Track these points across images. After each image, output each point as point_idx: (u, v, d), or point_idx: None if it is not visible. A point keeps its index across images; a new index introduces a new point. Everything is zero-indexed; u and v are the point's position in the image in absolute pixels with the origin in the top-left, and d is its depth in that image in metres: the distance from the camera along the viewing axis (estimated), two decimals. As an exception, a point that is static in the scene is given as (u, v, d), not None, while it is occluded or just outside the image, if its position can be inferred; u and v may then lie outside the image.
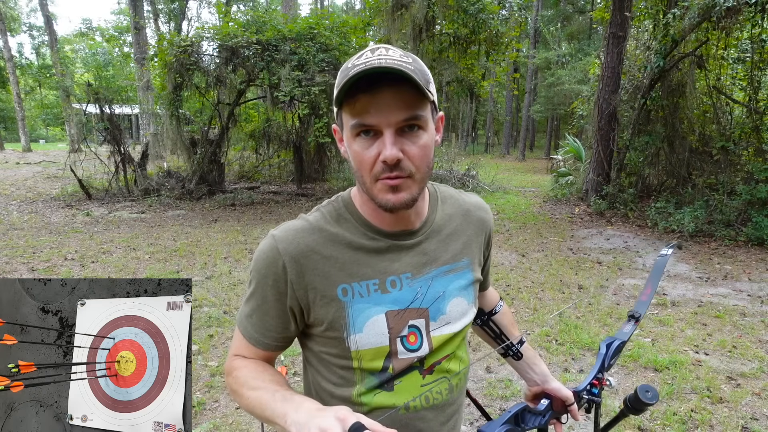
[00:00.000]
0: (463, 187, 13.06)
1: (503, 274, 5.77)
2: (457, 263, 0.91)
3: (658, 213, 8.25)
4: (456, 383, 0.91)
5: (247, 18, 10.51)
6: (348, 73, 0.72)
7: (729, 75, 9.21)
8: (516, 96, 30.93)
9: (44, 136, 39.18)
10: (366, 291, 0.82)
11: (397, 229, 0.86)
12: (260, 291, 0.84)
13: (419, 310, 0.85)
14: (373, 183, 0.77)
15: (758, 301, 4.86)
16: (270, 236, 0.84)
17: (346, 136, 0.79)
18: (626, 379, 3.32)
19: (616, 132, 9.31)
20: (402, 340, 0.84)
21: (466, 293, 0.92)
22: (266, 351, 0.88)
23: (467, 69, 10.75)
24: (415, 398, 0.85)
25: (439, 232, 0.90)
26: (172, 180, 10.86)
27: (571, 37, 29.70)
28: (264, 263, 0.83)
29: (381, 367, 0.84)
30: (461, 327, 0.90)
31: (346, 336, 0.82)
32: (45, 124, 41.53)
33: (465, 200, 0.99)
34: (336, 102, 0.76)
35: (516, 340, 1.12)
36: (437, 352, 0.87)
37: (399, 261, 0.85)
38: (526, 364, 1.12)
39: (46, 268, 5.50)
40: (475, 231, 0.96)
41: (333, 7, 36.20)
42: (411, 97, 0.73)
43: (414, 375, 0.86)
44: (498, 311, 1.13)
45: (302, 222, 0.86)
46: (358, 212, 0.87)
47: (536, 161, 25.53)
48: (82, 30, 35.82)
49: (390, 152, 0.72)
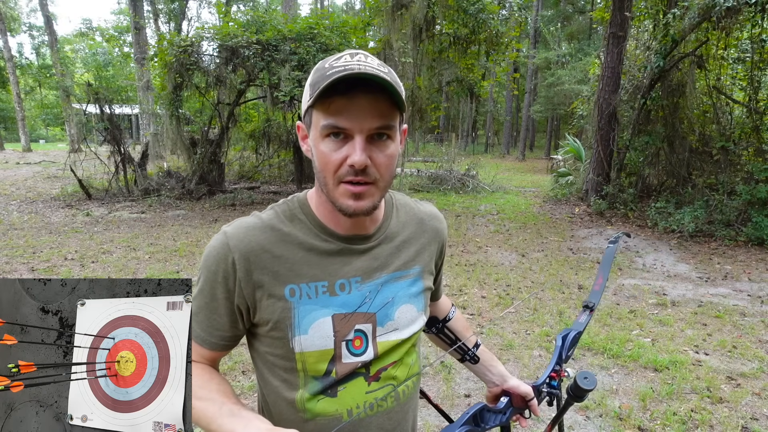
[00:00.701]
0: (464, 187, 13.06)
1: (503, 274, 5.77)
2: (408, 270, 0.90)
3: (658, 213, 8.25)
4: (402, 390, 0.90)
5: (247, 18, 10.51)
6: (326, 73, 0.73)
7: (729, 75, 9.21)
8: (516, 96, 30.95)
9: (44, 136, 39.18)
10: (314, 292, 0.82)
11: (351, 233, 0.86)
12: (209, 288, 0.82)
13: (366, 314, 0.84)
14: (336, 185, 0.77)
15: (758, 301, 4.86)
16: (222, 232, 0.83)
17: (313, 135, 0.78)
18: (626, 379, 3.32)
19: (616, 132, 9.31)
20: (347, 344, 0.83)
21: (416, 300, 0.91)
22: (212, 351, 0.86)
23: (467, 69, 10.75)
24: (359, 405, 0.84)
25: (392, 239, 0.90)
26: (172, 180, 10.86)
27: (571, 37, 29.70)
28: (214, 259, 0.81)
29: (324, 370, 0.83)
30: (409, 334, 0.90)
31: (291, 337, 0.81)
32: (45, 124, 41.54)
33: (420, 209, 0.99)
34: (311, 100, 0.76)
35: (471, 344, 1.14)
36: (383, 358, 0.87)
37: (350, 265, 0.85)
38: (483, 367, 1.14)
39: (46, 268, 5.50)
40: (429, 240, 0.96)
41: (333, 7, 36.23)
42: (385, 107, 0.74)
43: (359, 381, 0.85)
44: (452, 317, 1.14)
45: (255, 219, 0.85)
46: (312, 213, 0.86)
47: (536, 161, 25.53)
48: (82, 30, 35.80)
49: (360, 157, 0.73)
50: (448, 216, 9.52)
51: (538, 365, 3.50)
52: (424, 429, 2.73)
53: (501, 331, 4.08)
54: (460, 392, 3.13)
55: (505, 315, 4.47)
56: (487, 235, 8.00)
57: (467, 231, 8.24)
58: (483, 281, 5.47)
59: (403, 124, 0.83)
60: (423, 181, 13.65)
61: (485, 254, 6.73)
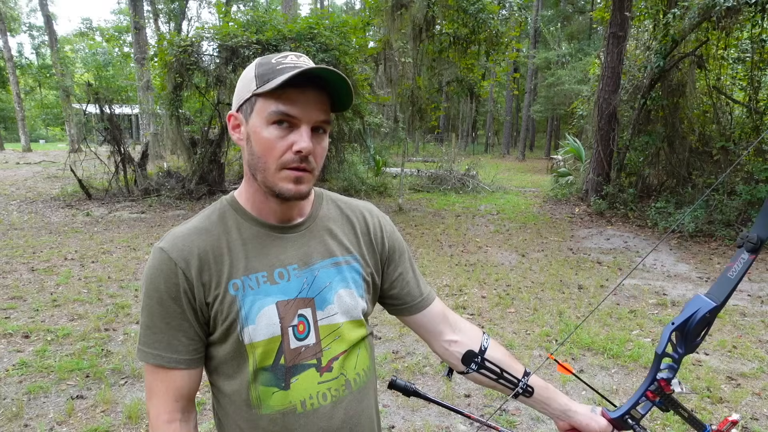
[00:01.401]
0: (464, 187, 13.07)
1: (503, 274, 5.77)
2: (343, 257, 0.93)
3: (658, 213, 8.25)
4: (354, 379, 0.91)
5: (247, 18, 10.50)
6: (275, 67, 0.80)
7: (729, 75, 9.21)
8: (516, 96, 30.94)
9: (44, 136, 39.17)
10: (256, 283, 0.84)
11: (283, 222, 0.90)
12: (159, 307, 0.82)
13: (306, 299, 0.87)
14: (278, 171, 0.81)
15: (758, 301, 4.86)
16: (157, 250, 0.84)
17: (254, 123, 0.81)
18: (626, 379, 3.32)
19: (616, 132, 9.31)
20: (293, 329, 0.85)
21: (355, 286, 0.92)
22: (183, 369, 0.84)
23: (467, 69, 10.73)
24: (312, 396, 0.86)
25: (323, 227, 0.93)
26: (172, 180, 10.85)
27: (571, 37, 29.70)
28: (161, 277, 0.82)
29: (273, 358, 0.85)
30: (350, 318, 0.91)
31: (240, 329, 0.83)
32: (45, 124, 41.53)
33: (352, 202, 1.02)
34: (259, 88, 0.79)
35: (519, 373, 1.00)
36: (332, 347, 0.88)
37: (285, 253, 0.88)
38: (540, 400, 1.00)
39: (46, 268, 5.50)
40: (362, 230, 0.98)
41: (333, 7, 36.22)
42: (328, 104, 0.83)
43: (310, 372, 0.87)
44: (488, 345, 1.01)
45: (187, 227, 0.88)
46: (242, 209, 0.89)
47: (536, 161, 25.53)
48: (82, 30, 35.83)
49: (308, 144, 0.79)
50: (447, 216, 9.52)
51: (538, 365, 3.50)
52: (424, 429, 2.73)
53: (501, 331, 4.08)
54: (460, 392, 3.13)
55: (505, 315, 4.47)
56: (487, 235, 8.00)
57: (467, 231, 8.24)
58: (483, 281, 5.47)
59: None
60: (423, 181, 13.65)
61: (485, 254, 6.72)
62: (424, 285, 1.05)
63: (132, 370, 3.29)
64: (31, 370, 3.26)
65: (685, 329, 0.87)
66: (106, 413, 2.81)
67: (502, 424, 2.78)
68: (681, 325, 0.86)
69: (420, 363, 3.48)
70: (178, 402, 0.85)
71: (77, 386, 3.09)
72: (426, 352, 3.63)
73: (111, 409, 2.86)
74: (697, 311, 0.86)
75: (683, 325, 0.86)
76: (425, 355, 3.59)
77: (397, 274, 1.01)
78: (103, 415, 2.80)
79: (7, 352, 3.51)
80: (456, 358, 1.01)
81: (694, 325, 0.86)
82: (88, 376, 3.21)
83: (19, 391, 3.00)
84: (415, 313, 1.02)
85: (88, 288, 4.90)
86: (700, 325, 0.86)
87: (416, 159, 19.15)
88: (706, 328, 0.87)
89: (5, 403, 2.88)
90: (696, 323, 0.86)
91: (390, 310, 1.05)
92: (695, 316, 0.86)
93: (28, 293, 4.69)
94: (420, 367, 3.44)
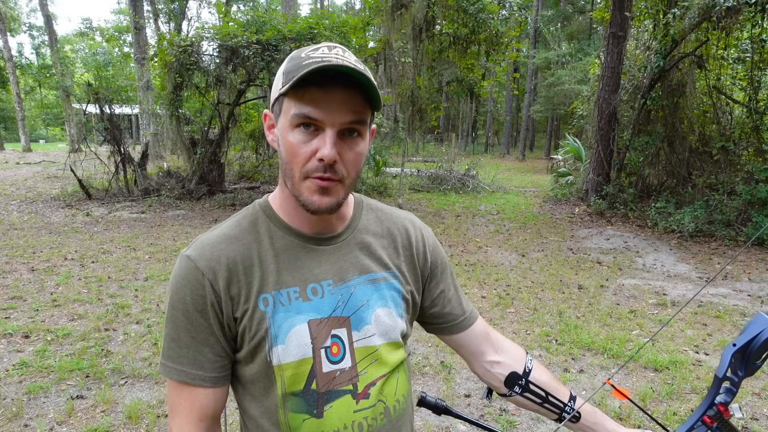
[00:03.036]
0: (464, 187, 13.05)
1: (503, 274, 5.77)
2: (381, 273, 0.86)
3: (658, 213, 8.25)
4: (393, 406, 0.85)
5: (247, 18, 10.50)
6: (302, 62, 0.72)
7: (729, 75, 9.21)
8: (516, 96, 30.94)
9: (44, 136, 39.15)
10: (287, 299, 0.78)
11: (318, 232, 0.83)
12: (185, 320, 0.77)
13: (340, 319, 0.80)
14: (302, 180, 0.74)
15: (758, 301, 4.86)
16: (184, 258, 0.78)
17: (282, 125, 0.76)
18: (626, 379, 3.32)
19: (616, 132, 9.31)
20: (326, 351, 0.79)
21: (394, 305, 0.85)
22: (209, 387, 0.79)
23: (467, 69, 10.74)
24: (347, 426, 0.79)
25: (362, 240, 0.86)
26: (172, 180, 10.85)
27: (571, 37, 29.69)
28: (188, 288, 0.76)
29: (304, 384, 0.78)
30: (388, 340, 0.84)
31: (269, 348, 0.77)
32: (45, 124, 41.52)
33: (393, 212, 0.94)
34: (283, 87, 0.73)
35: (566, 397, 0.95)
36: (369, 371, 0.82)
37: (320, 267, 0.81)
38: (587, 425, 0.94)
39: (46, 268, 5.49)
40: (403, 244, 0.90)
41: (333, 7, 36.22)
42: (359, 103, 0.73)
43: (346, 399, 0.79)
44: (532, 367, 0.96)
45: (217, 234, 0.81)
46: (276, 215, 0.83)
47: (536, 161, 25.53)
48: (82, 30, 35.79)
49: (330, 152, 0.71)
50: (447, 216, 9.52)
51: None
52: (424, 429, 2.73)
53: (501, 331, 4.07)
54: (460, 392, 3.13)
55: (505, 315, 4.47)
56: (487, 235, 8.00)
57: (467, 231, 8.24)
58: (483, 281, 5.47)
59: (372, 124, 0.81)
60: (423, 181, 13.65)
61: (485, 254, 6.73)
62: (466, 303, 0.98)
63: (132, 370, 3.29)
64: (31, 370, 3.26)
65: (746, 351, 0.79)
66: (106, 413, 2.81)
67: (503, 424, 2.78)
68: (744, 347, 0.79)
69: (420, 363, 3.48)
70: (202, 422, 0.79)
71: (77, 386, 3.09)
72: (426, 351, 3.63)
73: (111, 409, 2.86)
74: (762, 332, 0.78)
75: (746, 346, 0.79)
76: (425, 355, 3.59)
77: (439, 291, 0.94)
78: (103, 415, 2.80)
79: (7, 352, 3.51)
80: (498, 380, 0.95)
81: (757, 347, 0.78)
82: (88, 376, 3.21)
83: (19, 391, 3.00)
84: (456, 332, 0.96)
85: (88, 288, 4.90)
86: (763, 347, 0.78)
87: (416, 159, 19.16)
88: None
89: (5, 403, 2.88)
90: (760, 344, 0.78)
91: (429, 329, 0.98)
92: (759, 338, 0.78)
93: (28, 293, 4.69)
94: (420, 367, 3.44)
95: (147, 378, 3.22)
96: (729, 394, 0.83)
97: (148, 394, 3.02)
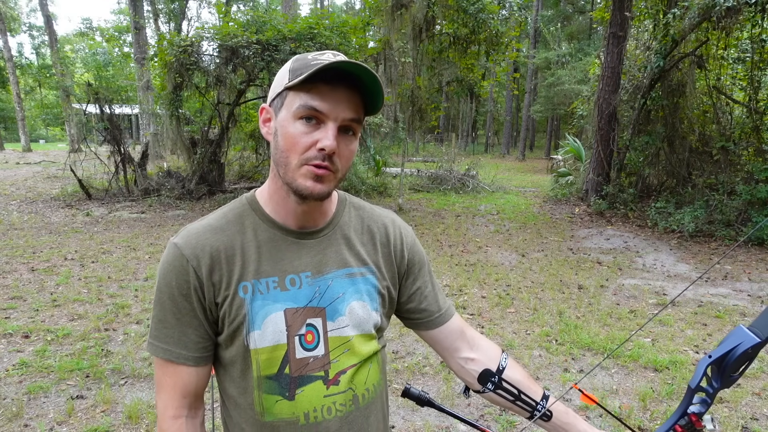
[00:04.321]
0: (464, 187, 13.06)
1: (503, 274, 5.77)
2: (359, 268, 0.90)
3: (658, 213, 8.25)
4: (362, 394, 0.89)
5: (247, 18, 10.49)
6: (310, 63, 0.77)
7: (729, 75, 9.21)
8: (516, 96, 30.94)
9: (44, 136, 39.16)
10: (266, 288, 0.83)
11: (301, 226, 0.87)
12: (170, 303, 0.82)
13: (316, 309, 0.85)
14: (299, 167, 0.78)
15: (758, 301, 4.86)
16: (172, 245, 0.84)
17: (282, 117, 0.80)
18: (626, 379, 3.32)
19: (616, 132, 9.31)
20: (300, 338, 0.84)
21: (369, 299, 0.90)
22: (192, 366, 0.84)
23: (467, 69, 10.73)
24: (316, 408, 0.84)
25: (342, 235, 0.91)
26: (172, 180, 10.85)
27: (571, 37, 29.69)
28: (173, 273, 0.82)
29: (278, 368, 0.83)
30: (361, 331, 0.88)
31: (246, 333, 0.82)
32: (45, 124, 41.52)
33: (375, 210, 0.99)
34: (291, 81, 0.78)
35: (538, 396, 0.98)
36: (341, 360, 0.86)
37: (300, 260, 0.86)
38: (558, 424, 0.96)
39: (46, 268, 5.50)
40: (381, 241, 0.95)
41: (333, 7, 36.23)
42: (359, 103, 0.80)
43: (317, 384, 0.85)
44: (506, 365, 0.99)
45: (203, 223, 0.87)
46: (261, 209, 0.88)
47: (536, 161, 25.53)
48: (82, 30, 35.82)
49: (331, 142, 0.76)
50: (447, 216, 9.52)
51: (538, 365, 3.50)
52: (424, 429, 2.73)
53: (501, 331, 4.08)
54: (460, 392, 3.13)
55: (505, 315, 4.47)
56: (487, 235, 8.00)
57: (467, 231, 8.24)
58: (483, 281, 5.47)
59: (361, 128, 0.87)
60: (423, 181, 13.66)
61: (485, 254, 6.73)
62: (443, 300, 1.02)
63: (132, 370, 3.29)
64: (31, 370, 3.26)
65: (723, 363, 0.79)
66: (106, 413, 2.81)
67: (502, 424, 2.78)
68: (719, 359, 0.79)
69: (420, 363, 3.48)
70: (185, 398, 0.85)
71: (77, 386, 3.09)
72: (426, 352, 3.63)
73: (111, 409, 2.86)
74: (739, 345, 0.78)
75: (722, 359, 0.79)
76: (425, 355, 3.59)
77: (415, 287, 0.98)
78: (103, 415, 2.80)
79: (7, 352, 3.52)
80: (472, 377, 0.99)
81: (734, 360, 0.78)
82: (88, 376, 3.21)
83: (19, 391, 3.00)
84: (432, 328, 0.99)
85: (88, 288, 4.90)
86: (740, 360, 0.78)
87: (416, 159, 19.16)
88: (747, 362, 0.79)
89: (5, 403, 2.88)
90: (736, 358, 0.78)
91: (406, 323, 1.03)
92: (736, 351, 0.78)
93: (28, 293, 4.69)
94: (420, 367, 3.44)
95: (147, 378, 3.22)
96: (703, 405, 0.84)
97: (148, 394, 3.02)
